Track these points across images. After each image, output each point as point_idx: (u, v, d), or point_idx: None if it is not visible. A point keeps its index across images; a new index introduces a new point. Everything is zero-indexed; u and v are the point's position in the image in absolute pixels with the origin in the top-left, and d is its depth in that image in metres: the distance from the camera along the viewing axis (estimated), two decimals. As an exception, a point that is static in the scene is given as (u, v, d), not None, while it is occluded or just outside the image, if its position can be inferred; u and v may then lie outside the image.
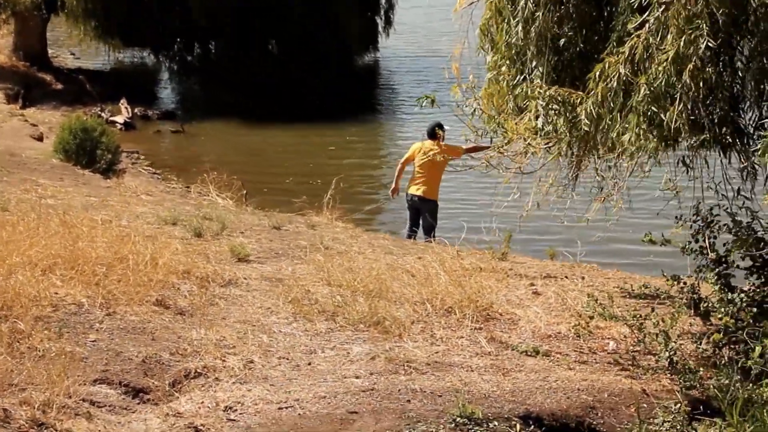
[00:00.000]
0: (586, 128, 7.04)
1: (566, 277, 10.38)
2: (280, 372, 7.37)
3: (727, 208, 7.91)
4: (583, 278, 10.36)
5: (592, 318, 8.40)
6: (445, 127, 13.14)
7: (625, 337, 8.32)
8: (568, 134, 7.24)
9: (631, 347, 8.12)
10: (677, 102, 6.72)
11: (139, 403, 6.85)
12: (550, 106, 7.17)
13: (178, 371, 7.28)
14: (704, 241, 7.94)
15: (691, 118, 6.83)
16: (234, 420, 6.49)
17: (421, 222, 13.97)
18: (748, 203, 7.84)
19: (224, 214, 12.45)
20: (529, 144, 7.75)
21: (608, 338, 8.39)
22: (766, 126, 6.41)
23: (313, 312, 8.62)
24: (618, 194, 8.37)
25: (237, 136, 24.02)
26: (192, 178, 16.81)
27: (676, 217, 8.07)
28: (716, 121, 7.02)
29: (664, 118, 6.74)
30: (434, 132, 13.56)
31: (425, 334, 8.27)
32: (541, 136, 7.44)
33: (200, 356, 7.50)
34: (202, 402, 6.76)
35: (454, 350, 7.98)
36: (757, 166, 7.47)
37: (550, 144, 7.63)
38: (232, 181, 15.46)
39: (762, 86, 7.02)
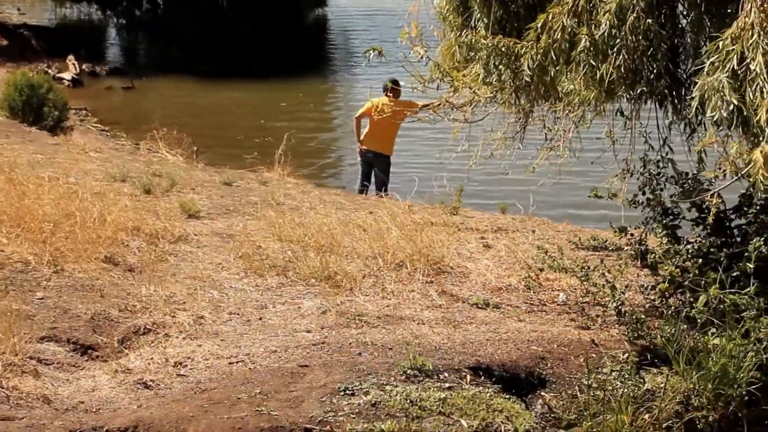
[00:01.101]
0: (528, 79, 7.03)
1: (517, 230, 10.43)
2: (230, 327, 7.35)
3: (668, 159, 7.95)
4: (533, 231, 10.42)
5: (542, 270, 8.47)
6: (401, 83, 13.11)
7: (574, 288, 8.39)
8: (512, 85, 7.23)
9: (581, 299, 8.18)
10: (617, 54, 6.72)
11: (87, 360, 6.82)
12: (493, 57, 7.14)
13: (127, 328, 7.25)
14: (651, 192, 7.98)
15: (631, 70, 6.84)
16: (184, 375, 6.47)
17: (373, 177, 13.97)
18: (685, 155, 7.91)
19: (174, 170, 12.36)
20: (475, 93, 7.74)
21: (558, 290, 8.45)
22: (696, 82, 6.42)
23: (264, 267, 8.61)
24: (565, 146, 8.38)
25: (187, 92, 23.84)
26: (141, 135, 16.65)
27: (623, 170, 8.10)
28: (655, 73, 7.03)
29: (601, 70, 6.75)
30: (389, 87, 13.54)
31: (376, 288, 8.28)
32: (487, 86, 7.42)
33: (150, 313, 7.47)
34: (152, 358, 6.74)
35: (405, 304, 8.00)
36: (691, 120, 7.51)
37: (496, 94, 7.61)
38: (182, 138, 15.34)
39: (698, 39, 7.03)
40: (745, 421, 6.89)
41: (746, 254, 7.34)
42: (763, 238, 7.34)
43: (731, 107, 6.04)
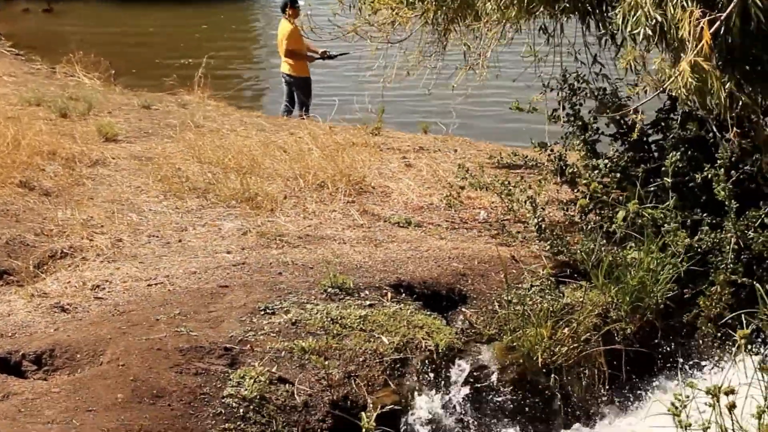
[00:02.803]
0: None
1: (439, 149, 10.42)
2: (149, 250, 7.27)
3: (590, 75, 7.97)
4: (455, 150, 10.42)
5: (463, 188, 8.47)
6: (299, 3, 12.88)
7: (495, 206, 8.41)
8: (434, 4, 7.17)
9: (501, 216, 8.21)
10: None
11: (2, 285, 6.71)
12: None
13: (43, 252, 7.14)
14: (570, 108, 7.99)
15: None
16: (102, 298, 6.40)
17: (296, 99, 13.83)
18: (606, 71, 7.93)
19: (91, 94, 12.15)
20: (396, 14, 7.67)
21: (479, 208, 8.47)
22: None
23: (183, 190, 8.52)
24: (485, 64, 8.36)
25: (105, 15, 23.36)
26: (58, 59, 16.28)
27: (544, 85, 8.11)
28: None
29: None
30: (285, 8, 13.31)
31: (297, 209, 8.24)
32: (407, 5, 7.36)
33: (67, 237, 7.36)
34: (69, 282, 6.65)
35: (326, 224, 7.98)
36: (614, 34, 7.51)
37: (417, 14, 7.55)
38: (99, 62, 15.01)
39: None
40: (662, 332, 7.02)
41: (663, 169, 7.40)
42: (679, 153, 7.40)
43: (654, 23, 6.05)
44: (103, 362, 5.53)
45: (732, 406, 4.31)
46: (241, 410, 5.36)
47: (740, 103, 6.61)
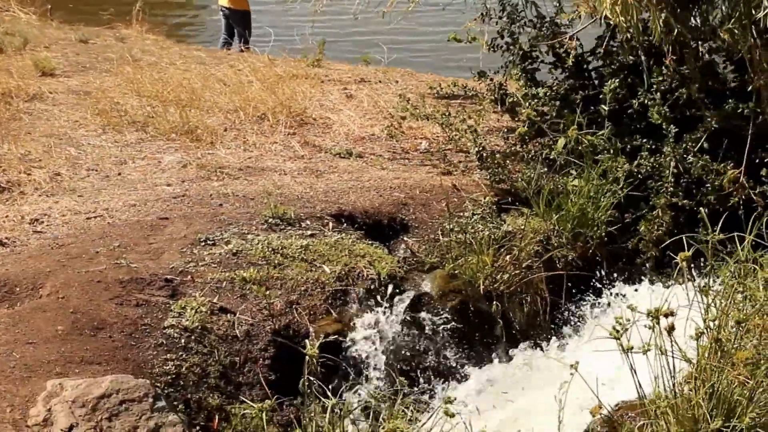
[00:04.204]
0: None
1: (380, 81, 10.37)
2: (88, 183, 7.20)
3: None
4: (396, 82, 10.37)
5: (404, 119, 8.46)
6: None
7: (437, 136, 8.41)
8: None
9: (443, 146, 8.21)
10: None
11: (-63, 220, 6.62)
12: None
13: (-20, 187, 7.05)
14: (509, 36, 7.99)
15: None
16: (40, 232, 6.33)
17: (235, 32, 13.67)
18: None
19: (27, 28, 11.91)
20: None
21: (421, 138, 8.46)
22: None
23: (122, 123, 8.42)
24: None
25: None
26: (-9, -6, 15.94)
27: (482, 14, 8.08)
28: None
29: None
30: None
31: (238, 141, 8.19)
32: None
33: (4, 171, 7.24)
34: (7, 216, 6.55)
35: (267, 155, 7.93)
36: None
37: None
38: (35, -5, 14.74)
39: None
40: (603, 258, 7.09)
41: (601, 96, 7.43)
42: (617, 80, 7.43)
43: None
44: (42, 295, 5.48)
45: (671, 328, 4.36)
46: (183, 341, 5.35)
47: (675, 32, 6.66)
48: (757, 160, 7.17)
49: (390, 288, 6.16)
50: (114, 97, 9.08)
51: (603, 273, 7.06)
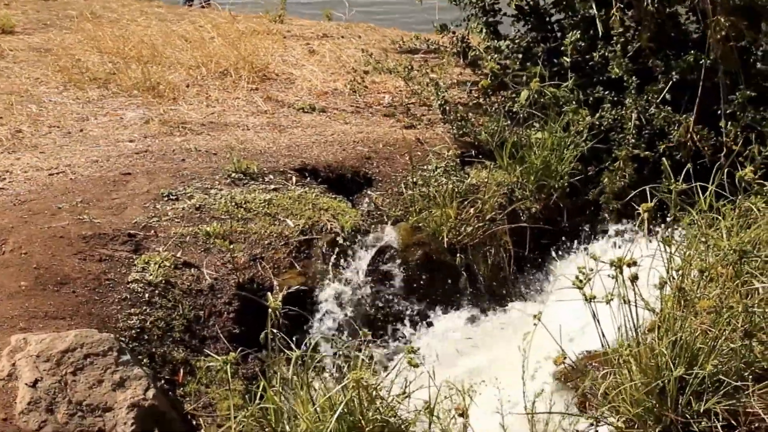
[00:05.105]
0: None
1: (343, 36, 10.32)
2: (50, 140, 7.14)
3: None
4: (359, 37, 10.33)
5: (367, 73, 8.44)
6: None
7: (400, 90, 8.40)
8: None
9: (406, 100, 8.21)
10: None
11: None
12: None
13: (-60, 144, 6.98)
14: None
15: None
16: (2, 189, 6.26)
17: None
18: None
19: (-15, -14, 11.78)
20: None
21: (383, 92, 8.45)
22: None
23: (84, 80, 8.36)
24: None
25: None
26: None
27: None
28: None
29: None
30: None
31: (200, 97, 8.15)
32: None
33: (-36, 130, 7.19)
34: (-32, 173, 6.52)
35: (229, 111, 7.90)
36: None
37: None
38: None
39: None
40: (566, 210, 7.12)
41: (562, 48, 7.43)
42: (578, 32, 7.43)
43: None
44: (5, 251, 5.45)
45: (634, 278, 4.39)
46: (147, 295, 5.34)
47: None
48: (719, 112, 7.19)
49: (354, 241, 6.17)
50: (75, 54, 9.01)
51: (566, 225, 7.10)
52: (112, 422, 4.54)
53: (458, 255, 6.47)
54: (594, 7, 7.36)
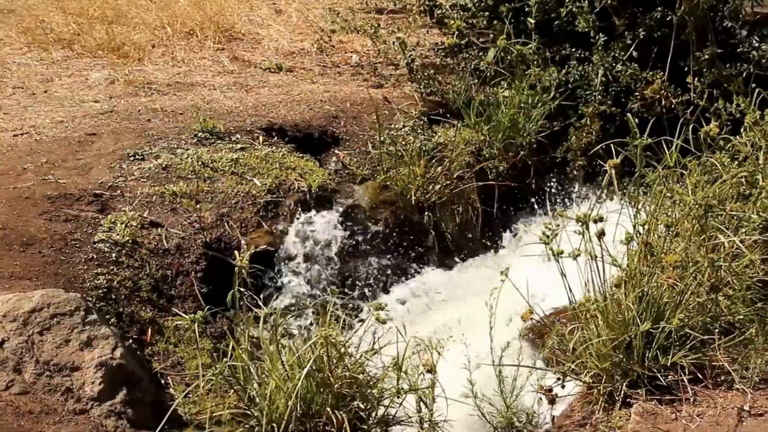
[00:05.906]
0: None
1: (309, -5, 10.27)
2: (14, 101, 7.08)
3: None
4: (326, -4, 10.28)
5: (334, 32, 8.40)
6: None
7: (367, 49, 8.37)
8: None
9: (373, 59, 8.18)
10: None
11: None
12: None
13: None
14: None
15: None
16: (-34, 150, 6.23)
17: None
18: None
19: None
20: None
21: (351, 51, 8.42)
22: None
23: (48, 41, 8.28)
24: None
25: None
26: None
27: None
28: None
29: None
30: None
31: (166, 57, 8.09)
32: None
33: (-74, 90, 7.12)
34: (-69, 134, 6.45)
35: (196, 71, 7.85)
36: None
37: None
38: None
39: None
40: (533, 168, 7.13)
41: (527, 9, 7.40)
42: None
43: None
44: (-31, 213, 5.42)
45: (601, 234, 4.41)
46: (114, 255, 5.31)
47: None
48: (686, 69, 7.20)
49: (321, 200, 6.16)
50: (39, 15, 8.91)
51: (534, 182, 7.12)
52: (79, 381, 4.53)
53: (426, 213, 6.47)
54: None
